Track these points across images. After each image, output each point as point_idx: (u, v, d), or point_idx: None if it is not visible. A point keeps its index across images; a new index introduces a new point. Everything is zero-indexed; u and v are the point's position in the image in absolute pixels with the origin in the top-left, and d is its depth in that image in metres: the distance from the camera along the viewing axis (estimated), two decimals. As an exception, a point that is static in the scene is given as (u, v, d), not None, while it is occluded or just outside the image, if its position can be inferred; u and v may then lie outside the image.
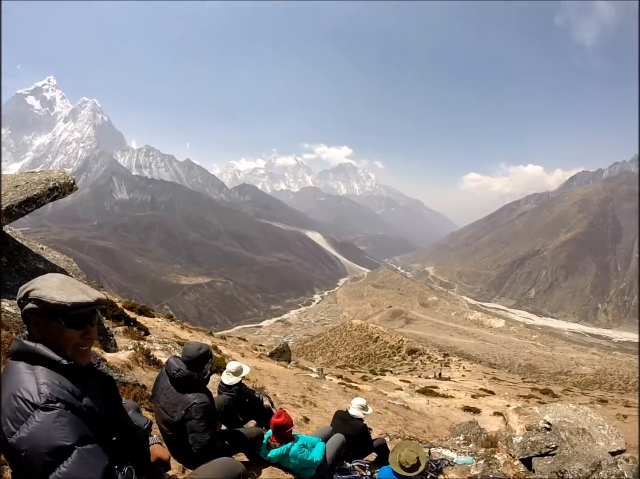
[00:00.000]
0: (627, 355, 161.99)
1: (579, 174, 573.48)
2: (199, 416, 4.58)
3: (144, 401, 6.30)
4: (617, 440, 12.71)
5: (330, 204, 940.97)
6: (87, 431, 2.20)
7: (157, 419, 4.98)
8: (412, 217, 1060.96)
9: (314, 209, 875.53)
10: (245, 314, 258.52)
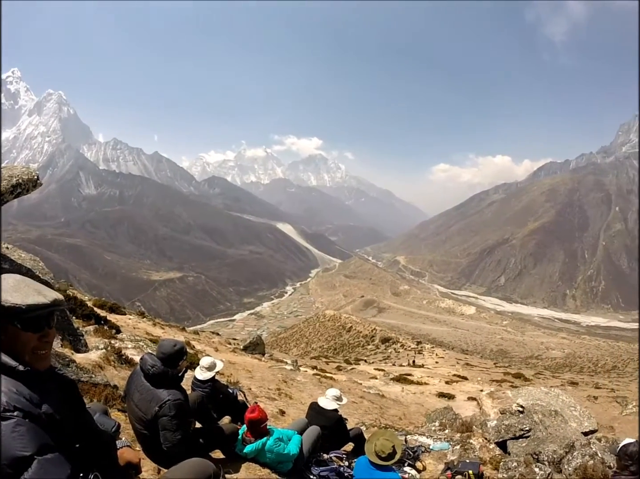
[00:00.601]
0: (595, 339, 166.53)
1: (546, 165, 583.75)
2: (172, 414, 4.49)
3: (116, 401, 6.14)
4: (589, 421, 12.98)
5: (301, 196, 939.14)
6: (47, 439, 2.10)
7: (130, 418, 4.89)
8: (382, 208, 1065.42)
9: (285, 201, 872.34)
10: (218, 308, 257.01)
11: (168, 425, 4.49)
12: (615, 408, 21.97)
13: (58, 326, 9.57)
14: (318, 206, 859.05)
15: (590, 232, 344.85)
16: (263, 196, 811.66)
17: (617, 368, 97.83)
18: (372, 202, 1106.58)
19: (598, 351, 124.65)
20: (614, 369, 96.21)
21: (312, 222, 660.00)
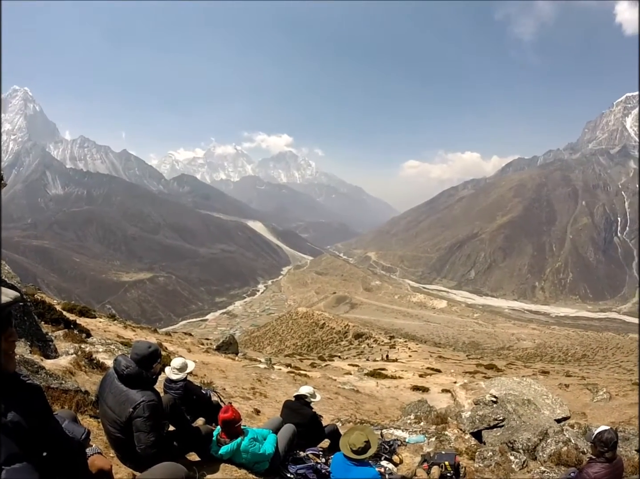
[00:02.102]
0: (564, 329, 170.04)
1: (514, 161, 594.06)
2: (146, 415, 4.44)
3: (88, 407, 5.99)
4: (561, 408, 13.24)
5: (271, 193, 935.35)
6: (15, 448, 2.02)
7: (103, 422, 4.80)
8: (352, 204, 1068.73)
9: (255, 199, 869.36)
10: (190, 308, 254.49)
11: (142, 427, 4.43)
12: (587, 395, 22.45)
13: (27, 331, 9.36)
14: (289, 203, 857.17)
15: (558, 226, 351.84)
16: (233, 193, 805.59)
17: (586, 356, 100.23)
18: (343, 199, 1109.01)
19: (568, 341, 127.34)
20: (584, 357, 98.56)
21: (283, 220, 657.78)
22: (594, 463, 5.51)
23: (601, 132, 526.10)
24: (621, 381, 31.22)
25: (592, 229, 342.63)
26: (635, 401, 19.77)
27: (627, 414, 17.21)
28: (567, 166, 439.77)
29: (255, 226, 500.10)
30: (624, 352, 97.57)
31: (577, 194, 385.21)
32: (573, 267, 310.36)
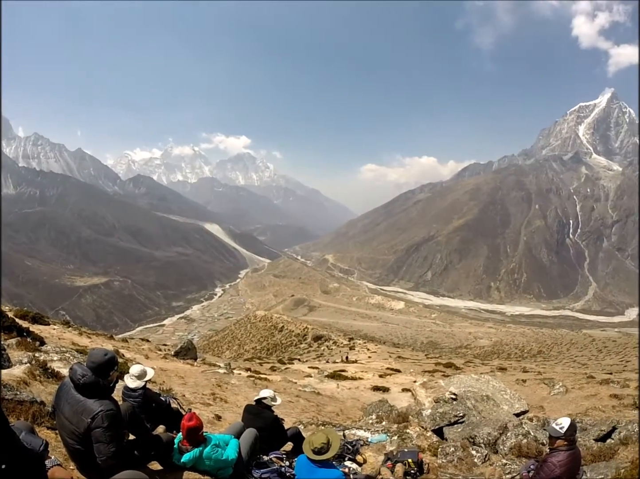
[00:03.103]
0: (520, 327, 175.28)
1: (470, 166, 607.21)
2: (105, 425, 4.30)
3: (44, 419, 5.78)
4: (519, 402, 13.56)
5: (229, 195, 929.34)
6: None
7: (61, 434, 4.64)
8: (310, 207, 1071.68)
9: (212, 200, 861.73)
10: (147, 313, 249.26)
11: (102, 437, 4.29)
12: (544, 389, 23.00)
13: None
14: (246, 206, 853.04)
15: (512, 229, 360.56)
16: (190, 195, 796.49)
17: (542, 352, 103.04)
18: (301, 202, 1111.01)
19: (523, 338, 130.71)
20: (540, 353, 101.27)
21: (240, 222, 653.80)
22: (557, 453, 5.70)
23: (554, 139, 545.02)
24: (576, 375, 32.30)
25: (545, 231, 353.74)
26: (590, 393, 20.46)
27: (583, 406, 17.72)
28: (521, 171, 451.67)
29: (213, 228, 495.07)
30: (578, 348, 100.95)
31: (530, 197, 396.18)
32: (527, 267, 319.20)
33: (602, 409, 16.28)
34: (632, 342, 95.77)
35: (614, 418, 10.49)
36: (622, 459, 7.09)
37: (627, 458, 6.90)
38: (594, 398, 19.48)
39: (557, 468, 5.58)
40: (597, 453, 7.63)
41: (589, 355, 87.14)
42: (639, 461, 4.89)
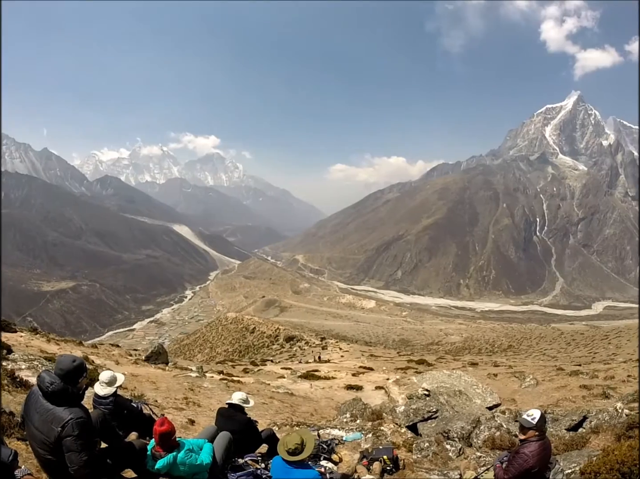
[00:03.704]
0: (490, 322, 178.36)
1: (439, 166, 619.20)
2: (76, 433, 4.22)
3: (14, 429, 5.64)
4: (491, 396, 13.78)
5: (198, 196, 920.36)
6: None
7: (32, 444, 4.55)
8: (280, 207, 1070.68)
9: (181, 202, 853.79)
10: (116, 318, 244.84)
11: (73, 446, 4.20)
12: (515, 382, 23.43)
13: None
14: (215, 207, 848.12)
15: (480, 227, 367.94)
16: (159, 196, 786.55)
17: (512, 346, 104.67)
18: (270, 202, 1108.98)
19: (494, 333, 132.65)
20: (510, 348, 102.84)
21: (210, 223, 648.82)
22: (528, 443, 5.80)
23: (522, 140, 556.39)
24: (546, 368, 32.95)
25: (512, 229, 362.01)
26: (561, 385, 20.95)
27: (554, 398, 18.12)
28: (489, 171, 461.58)
29: (182, 230, 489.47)
30: (547, 341, 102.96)
31: (498, 197, 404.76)
32: (495, 264, 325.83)
33: (573, 399, 16.70)
34: (599, 334, 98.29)
35: (585, 408, 10.78)
36: (593, 447, 7.25)
37: (599, 446, 7.06)
38: (564, 389, 19.93)
39: (530, 458, 5.66)
40: (569, 442, 7.80)
41: (558, 348, 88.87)
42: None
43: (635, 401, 11.97)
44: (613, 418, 8.81)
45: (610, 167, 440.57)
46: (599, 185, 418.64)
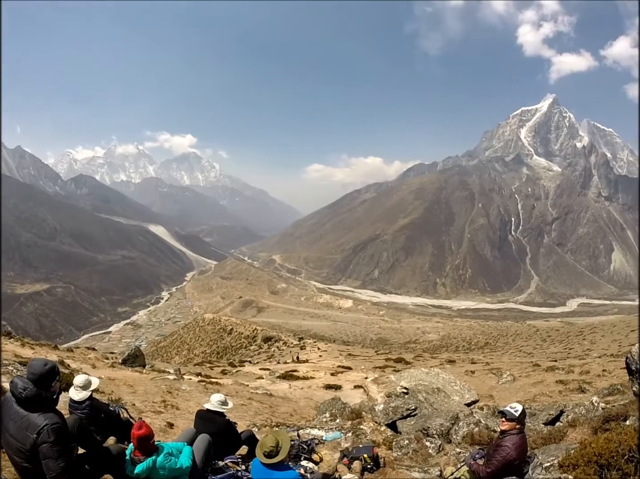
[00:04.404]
0: (466, 320, 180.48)
1: (415, 166, 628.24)
2: (52, 440, 4.16)
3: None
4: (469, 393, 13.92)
5: (174, 196, 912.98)
6: None
7: (8, 452, 4.45)
8: (256, 207, 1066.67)
9: (157, 201, 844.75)
10: (92, 320, 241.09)
11: (49, 453, 4.11)
12: (492, 379, 23.74)
13: None
14: (192, 207, 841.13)
15: (456, 227, 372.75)
16: (134, 196, 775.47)
17: (489, 344, 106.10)
18: (247, 202, 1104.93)
19: (470, 331, 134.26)
20: (487, 345, 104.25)
21: (186, 224, 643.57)
22: (510, 436, 5.91)
23: (497, 141, 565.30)
24: (523, 364, 33.47)
25: (488, 228, 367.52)
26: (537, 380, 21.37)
27: (531, 393, 18.40)
28: (465, 171, 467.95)
29: (157, 230, 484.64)
30: (523, 338, 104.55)
31: (474, 197, 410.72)
32: (471, 263, 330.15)
33: (549, 394, 16.98)
34: (574, 330, 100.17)
35: (561, 403, 10.97)
36: (571, 440, 7.34)
37: (576, 439, 7.14)
38: (540, 384, 20.25)
39: (512, 450, 5.76)
40: (547, 436, 7.90)
41: (534, 344, 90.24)
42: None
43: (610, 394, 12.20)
44: (589, 411, 8.98)
45: (584, 168, 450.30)
46: (572, 186, 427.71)
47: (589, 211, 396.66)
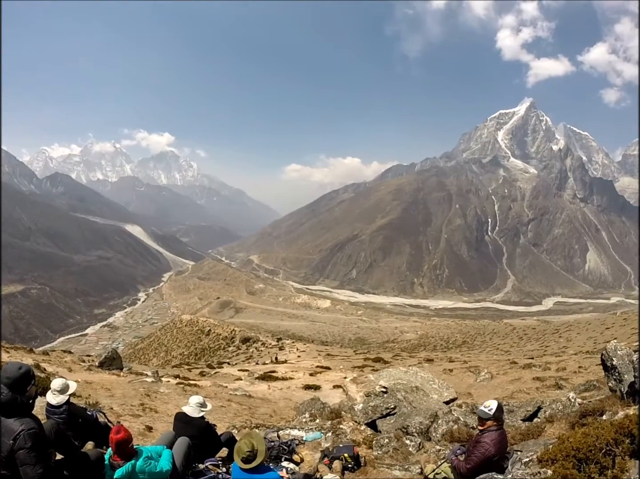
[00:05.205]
0: (444, 319, 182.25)
1: (394, 167, 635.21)
2: (28, 445, 4.10)
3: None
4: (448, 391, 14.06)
5: (151, 195, 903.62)
6: None
7: (-16, 460, 4.31)
8: (234, 207, 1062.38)
9: (134, 201, 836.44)
10: (68, 322, 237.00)
11: (27, 459, 4.03)
12: (470, 377, 24.02)
13: None
14: (169, 206, 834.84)
15: (434, 227, 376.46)
16: (110, 195, 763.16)
17: (466, 342, 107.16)
18: (225, 202, 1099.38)
19: (448, 330, 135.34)
20: (464, 343, 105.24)
21: (163, 223, 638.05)
22: (488, 432, 5.99)
23: (475, 143, 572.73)
24: (500, 362, 33.85)
25: (465, 229, 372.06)
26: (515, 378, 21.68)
27: (509, 390, 18.66)
28: (443, 173, 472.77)
29: (134, 230, 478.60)
30: (500, 336, 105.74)
31: (451, 198, 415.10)
32: (448, 263, 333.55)
33: (527, 391, 17.23)
34: (550, 328, 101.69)
35: (539, 399, 11.10)
36: (549, 435, 7.47)
37: (554, 435, 7.26)
38: (518, 381, 20.54)
39: (491, 446, 5.84)
40: (525, 432, 8.01)
41: (511, 343, 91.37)
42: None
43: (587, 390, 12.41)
44: (566, 407, 9.12)
45: (560, 170, 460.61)
46: (548, 187, 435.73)
47: (565, 212, 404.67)
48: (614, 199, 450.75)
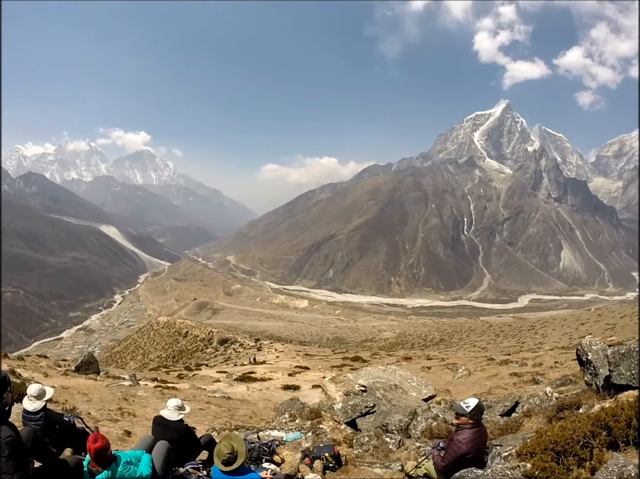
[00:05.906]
0: (421, 318, 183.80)
1: (370, 167, 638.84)
2: (6, 454, 4.07)
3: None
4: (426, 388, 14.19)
5: (126, 195, 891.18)
6: None
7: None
8: (211, 207, 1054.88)
9: (109, 201, 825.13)
10: (42, 326, 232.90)
11: (5, 468, 3.99)
12: (448, 374, 24.25)
13: None
14: (144, 206, 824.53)
15: (410, 227, 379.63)
16: (85, 195, 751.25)
17: (444, 340, 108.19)
18: (201, 202, 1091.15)
19: (425, 328, 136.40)
20: (442, 341, 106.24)
21: (139, 224, 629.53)
22: (462, 430, 6.07)
23: (451, 144, 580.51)
24: (477, 358, 34.23)
25: (441, 228, 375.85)
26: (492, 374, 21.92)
27: (486, 386, 18.87)
28: (419, 173, 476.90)
29: (109, 231, 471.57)
30: (477, 334, 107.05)
31: (427, 197, 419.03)
32: (425, 262, 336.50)
33: (504, 387, 17.47)
34: (526, 325, 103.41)
35: (516, 394, 11.30)
36: (527, 430, 7.57)
37: (532, 429, 7.37)
38: (495, 377, 20.79)
39: (463, 444, 5.90)
40: (503, 427, 8.11)
41: (488, 339, 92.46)
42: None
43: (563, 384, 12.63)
44: (543, 401, 9.24)
45: (535, 171, 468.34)
46: (523, 187, 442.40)
47: (539, 212, 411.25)
48: (588, 199, 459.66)
